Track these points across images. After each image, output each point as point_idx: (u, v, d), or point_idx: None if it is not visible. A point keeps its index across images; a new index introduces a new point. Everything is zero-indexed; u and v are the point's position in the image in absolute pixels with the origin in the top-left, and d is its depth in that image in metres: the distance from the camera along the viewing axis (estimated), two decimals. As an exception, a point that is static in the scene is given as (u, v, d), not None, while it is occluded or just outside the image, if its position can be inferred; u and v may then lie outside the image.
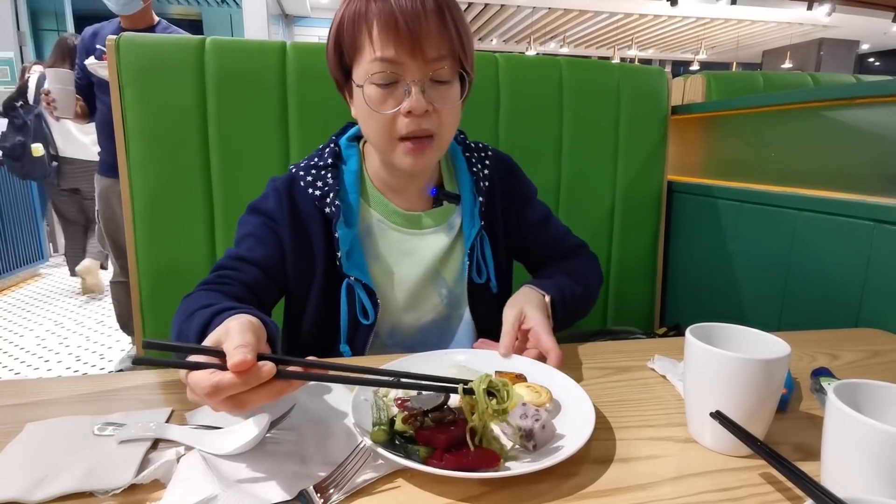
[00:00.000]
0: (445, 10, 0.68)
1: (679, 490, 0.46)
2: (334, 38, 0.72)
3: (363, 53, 0.69)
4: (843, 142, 1.08)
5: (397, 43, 0.66)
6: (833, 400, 0.41)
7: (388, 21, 0.66)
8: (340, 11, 0.71)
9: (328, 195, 0.77)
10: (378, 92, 0.69)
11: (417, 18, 0.66)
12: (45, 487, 0.43)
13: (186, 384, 0.46)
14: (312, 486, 0.44)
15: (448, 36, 0.68)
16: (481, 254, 0.83)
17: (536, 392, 0.57)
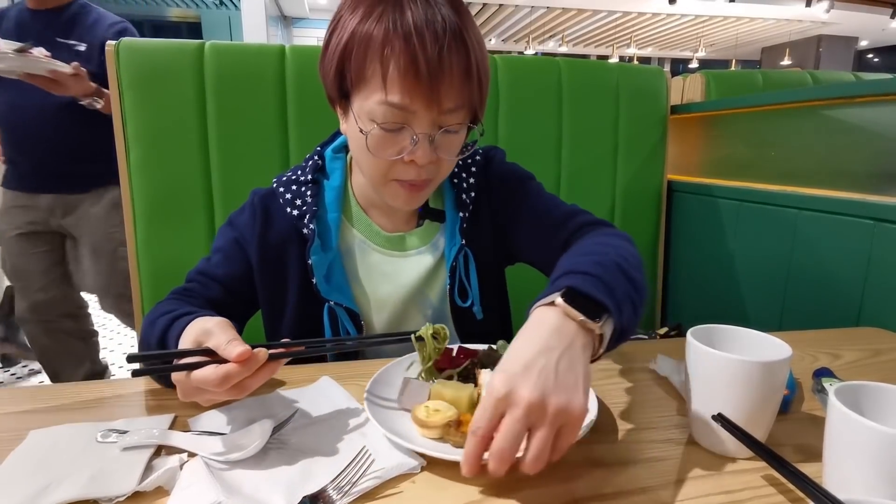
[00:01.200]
0: (472, 58, 0.61)
1: (681, 493, 0.46)
2: (337, 58, 0.63)
3: (371, 90, 0.61)
4: (843, 140, 1.08)
5: (414, 91, 0.59)
6: (834, 402, 0.41)
7: (407, 65, 0.58)
8: (348, 29, 0.61)
9: (305, 216, 0.73)
10: (382, 136, 0.63)
11: (441, 66, 0.59)
12: (49, 495, 0.43)
13: (182, 383, 0.49)
14: (315, 492, 0.44)
15: (470, 88, 0.62)
16: (465, 274, 0.77)
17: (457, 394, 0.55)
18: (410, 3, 0.59)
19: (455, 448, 0.49)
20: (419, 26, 0.58)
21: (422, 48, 0.58)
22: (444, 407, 0.52)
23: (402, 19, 0.58)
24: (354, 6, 0.62)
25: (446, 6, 0.61)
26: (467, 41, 0.61)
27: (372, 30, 0.59)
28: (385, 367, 0.63)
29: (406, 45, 0.58)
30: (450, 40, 0.59)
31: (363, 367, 0.69)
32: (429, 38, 0.58)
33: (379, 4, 0.60)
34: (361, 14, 0.60)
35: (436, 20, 0.59)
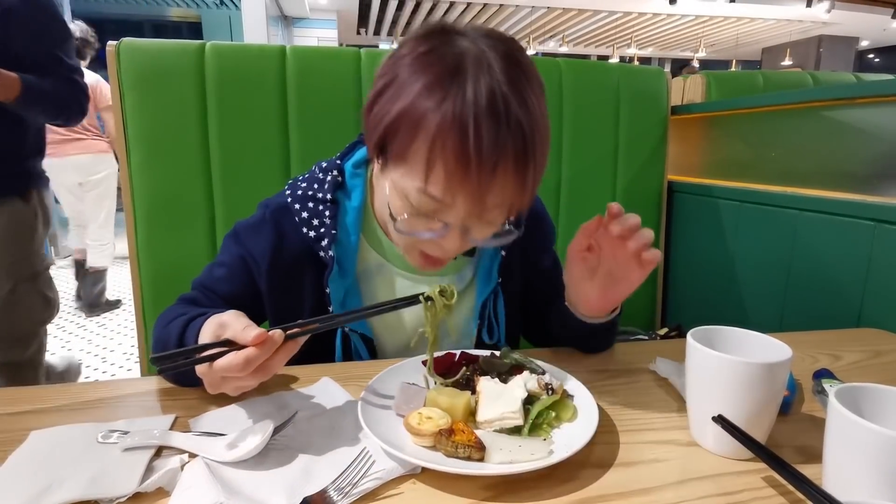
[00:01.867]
0: (531, 165, 0.54)
1: (681, 494, 0.46)
2: (383, 128, 0.56)
3: (412, 173, 0.55)
4: (843, 141, 1.08)
5: (457, 191, 0.54)
6: (835, 404, 0.41)
7: (457, 165, 0.52)
8: (401, 99, 0.54)
9: (324, 238, 0.69)
10: (412, 218, 0.58)
11: (494, 172, 0.52)
12: (50, 496, 0.43)
13: (207, 375, 0.51)
14: (316, 493, 0.44)
15: (522, 192, 0.56)
16: (493, 313, 0.76)
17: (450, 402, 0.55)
18: (476, 88, 0.51)
19: (447, 458, 0.48)
20: (480, 121, 0.51)
21: (477, 148, 0.51)
22: (438, 415, 0.52)
23: (463, 106, 0.51)
24: (415, 69, 0.54)
25: (518, 113, 0.52)
26: (528, 144, 0.53)
27: (428, 112, 0.52)
28: (383, 372, 0.63)
29: (461, 142, 0.51)
30: (511, 154, 0.52)
31: (364, 368, 0.69)
32: (488, 139, 0.51)
33: (443, 84, 0.52)
34: (420, 87, 0.53)
35: (500, 130, 0.51)
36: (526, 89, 0.54)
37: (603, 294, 0.66)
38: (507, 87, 0.52)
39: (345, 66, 1.11)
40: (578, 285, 0.68)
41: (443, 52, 0.53)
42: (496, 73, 0.52)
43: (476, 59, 0.53)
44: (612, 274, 0.64)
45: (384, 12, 10.51)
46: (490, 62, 0.53)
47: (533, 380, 0.58)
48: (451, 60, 0.53)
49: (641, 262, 0.60)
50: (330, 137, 1.11)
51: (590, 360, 0.74)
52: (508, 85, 0.52)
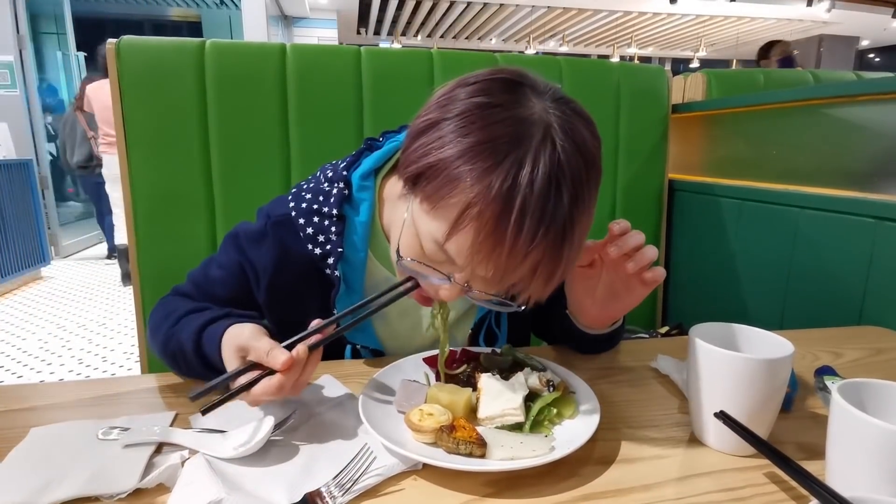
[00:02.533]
0: (562, 262, 0.50)
1: (683, 490, 0.46)
2: (417, 171, 0.52)
3: (435, 218, 0.51)
4: (844, 139, 1.08)
5: (479, 263, 0.50)
6: (837, 399, 0.41)
7: (486, 243, 0.48)
8: (446, 151, 0.49)
9: (330, 255, 0.66)
10: (419, 264, 0.56)
11: (524, 261, 0.49)
12: (51, 492, 0.43)
13: (245, 398, 0.52)
14: (317, 489, 0.44)
15: (541, 287, 0.53)
16: (495, 323, 0.75)
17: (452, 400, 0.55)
18: (533, 171, 0.47)
19: (448, 454, 0.48)
20: (525, 209, 0.46)
21: (514, 236, 0.47)
22: (438, 411, 0.52)
23: (513, 185, 0.46)
24: (472, 119, 0.49)
25: (570, 196, 0.48)
26: (566, 243, 0.50)
27: (474, 174, 0.47)
28: (385, 369, 0.63)
29: (498, 221, 0.47)
30: (551, 240, 0.48)
31: (365, 365, 0.69)
32: (528, 229, 0.47)
33: (501, 149, 0.47)
34: (474, 142, 0.48)
35: (548, 210, 0.47)
36: (584, 182, 0.50)
37: (604, 310, 0.66)
38: (566, 178, 0.48)
39: (345, 63, 1.10)
40: (579, 300, 0.68)
41: (512, 112, 0.49)
42: (561, 158, 0.48)
43: (543, 136, 0.48)
44: (614, 289, 0.63)
45: (384, 12, 10.50)
46: (556, 141, 0.48)
47: (534, 376, 0.58)
48: (517, 125, 0.48)
49: (644, 281, 0.59)
50: (330, 135, 1.11)
51: (591, 358, 0.74)
52: (569, 175, 0.48)
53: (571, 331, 0.71)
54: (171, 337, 0.63)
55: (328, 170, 0.72)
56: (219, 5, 7.98)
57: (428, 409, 0.52)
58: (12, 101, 4.10)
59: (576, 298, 0.68)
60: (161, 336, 0.65)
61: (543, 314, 0.82)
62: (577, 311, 0.69)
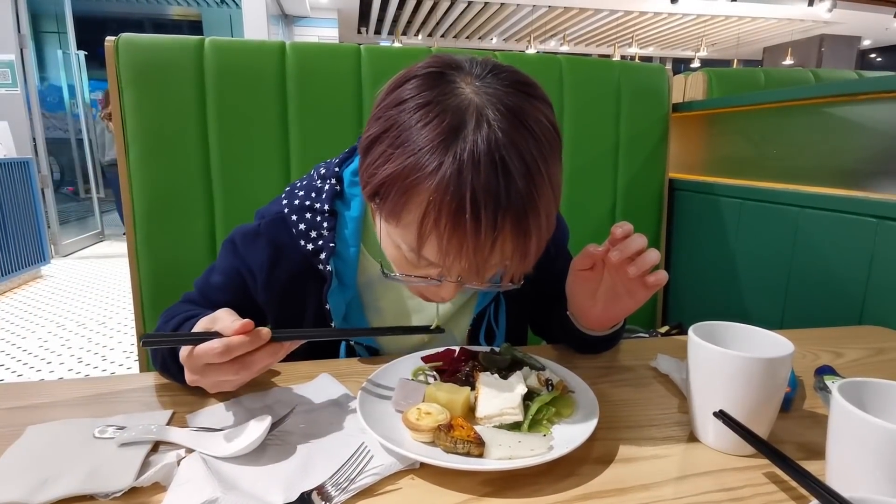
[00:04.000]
0: (533, 235, 0.50)
1: (682, 490, 0.45)
2: (374, 186, 0.52)
3: (404, 234, 0.52)
4: (845, 138, 1.08)
5: (454, 261, 0.50)
6: (838, 398, 0.41)
7: (451, 242, 0.48)
8: (393, 163, 0.49)
9: (322, 251, 0.67)
10: (405, 273, 0.57)
11: (493, 246, 0.49)
12: (47, 490, 0.43)
13: (188, 362, 0.52)
14: (314, 488, 0.43)
15: (523, 263, 0.53)
16: (494, 319, 0.75)
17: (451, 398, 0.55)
18: (474, 154, 0.46)
19: (445, 453, 0.48)
20: (477, 197, 0.46)
21: (474, 228, 0.47)
22: (437, 410, 0.52)
23: (459, 180, 0.46)
24: (411, 124, 0.49)
25: (520, 168, 0.48)
26: (531, 217, 0.49)
27: (423, 179, 0.47)
28: (383, 367, 0.63)
29: (455, 218, 0.47)
30: (512, 218, 0.48)
31: (362, 364, 0.69)
32: (486, 217, 0.47)
33: (441, 145, 0.47)
34: (419, 145, 0.48)
35: (499, 191, 0.47)
36: (529, 148, 0.48)
37: (605, 312, 0.66)
38: (506, 150, 0.47)
39: (344, 62, 1.10)
40: (580, 303, 0.67)
41: (444, 105, 0.48)
42: (499, 134, 0.47)
43: (478, 117, 0.47)
44: (616, 292, 0.63)
45: (385, 11, 10.50)
46: (490, 119, 0.48)
47: (533, 376, 0.58)
48: (449, 118, 0.48)
49: (646, 284, 0.59)
50: (329, 134, 1.10)
51: (590, 357, 0.73)
52: (509, 146, 0.47)
53: (572, 332, 0.71)
54: (157, 331, 0.65)
55: (321, 168, 0.72)
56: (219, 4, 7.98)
57: (426, 407, 0.52)
58: (13, 99, 4.10)
59: (577, 301, 0.68)
60: None
61: (543, 312, 0.83)
62: (578, 312, 0.69)
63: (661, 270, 0.59)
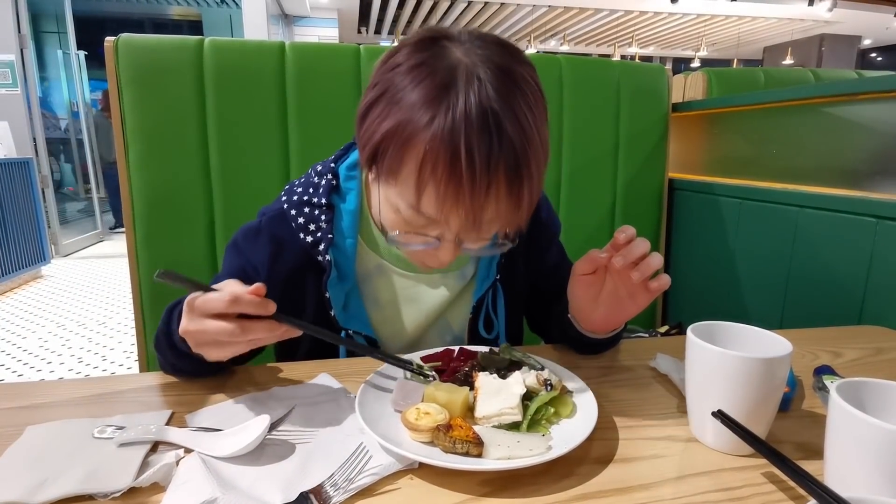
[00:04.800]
0: (525, 183, 0.52)
1: (681, 489, 0.45)
2: (373, 144, 0.54)
3: (403, 190, 0.54)
4: (844, 138, 1.08)
5: (451, 210, 0.52)
6: (836, 399, 0.41)
7: (448, 188, 0.50)
8: (393, 112, 0.52)
9: (321, 242, 0.68)
10: (405, 235, 0.58)
11: (487, 192, 0.51)
12: (46, 490, 0.43)
13: (193, 309, 0.53)
14: (312, 489, 0.43)
15: (517, 211, 0.55)
16: (492, 307, 0.76)
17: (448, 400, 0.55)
18: (467, 106, 0.49)
19: (444, 453, 0.48)
20: (471, 142, 0.49)
21: (469, 170, 0.49)
22: (435, 410, 0.52)
23: (453, 127, 0.49)
24: (405, 84, 0.52)
25: (510, 128, 0.50)
26: (522, 162, 0.51)
27: (418, 131, 0.50)
28: (381, 367, 0.63)
29: (451, 164, 0.49)
30: (504, 165, 0.50)
31: (362, 364, 0.69)
32: (479, 160, 0.49)
33: (432, 102, 0.50)
34: (410, 104, 0.51)
35: (491, 148, 0.49)
36: (519, 103, 0.52)
37: (607, 316, 0.66)
38: (498, 103, 0.50)
39: (344, 62, 1.10)
40: (582, 307, 0.68)
41: (435, 66, 0.51)
42: (488, 88, 0.50)
43: (468, 74, 0.50)
44: (618, 296, 0.64)
45: (385, 11, 10.50)
46: (482, 77, 0.50)
47: (532, 376, 0.58)
48: (442, 75, 0.50)
49: (648, 289, 0.59)
50: (329, 134, 1.10)
51: (590, 357, 0.73)
52: (500, 100, 0.50)
53: (573, 334, 0.71)
54: (162, 331, 0.64)
55: (318, 166, 0.75)
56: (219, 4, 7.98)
57: (425, 407, 0.52)
58: (13, 100, 4.10)
59: (578, 304, 0.68)
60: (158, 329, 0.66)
61: (540, 308, 0.83)
62: (580, 316, 0.69)
63: (664, 275, 0.59)
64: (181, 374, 0.65)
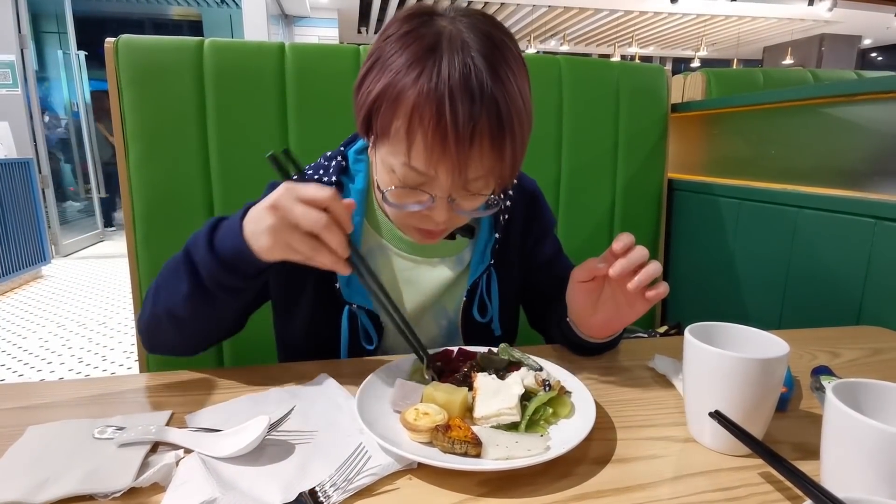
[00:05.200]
0: (507, 136, 0.57)
1: (678, 490, 0.45)
2: (367, 107, 0.59)
3: (395, 148, 0.58)
4: (843, 138, 1.08)
5: (439, 162, 0.56)
6: (832, 399, 0.41)
7: (434, 135, 0.54)
8: (384, 77, 0.57)
9: None
10: (400, 190, 0.61)
11: (471, 143, 0.55)
12: (46, 490, 0.43)
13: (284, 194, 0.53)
14: (312, 489, 0.44)
15: (501, 163, 0.58)
16: (486, 291, 0.77)
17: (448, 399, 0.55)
18: (451, 65, 0.54)
19: (443, 453, 0.48)
20: (455, 105, 0.53)
21: (453, 120, 0.53)
22: (434, 410, 0.52)
23: (438, 81, 0.54)
24: (396, 48, 0.57)
25: (491, 86, 0.55)
26: (505, 123, 0.56)
27: (406, 88, 0.55)
28: (380, 368, 0.63)
29: (437, 115, 0.54)
30: (486, 123, 0.55)
31: (361, 364, 0.69)
32: (463, 119, 0.54)
33: (419, 63, 0.55)
34: (400, 65, 0.56)
35: (473, 103, 0.54)
36: (501, 65, 0.56)
37: (605, 322, 0.67)
38: (481, 63, 0.55)
39: (344, 62, 1.10)
40: (580, 313, 0.69)
41: (422, 32, 0.56)
42: (471, 50, 0.55)
43: (452, 38, 0.55)
44: (616, 302, 0.64)
45: (385, 11, 10.50)
46: (465, 40, 0.55)
47: (530, 376, 0.58)
48: (428, 39, 0.56)
49: (647, 298, 0.60)
50: (328, 134, 1.10)
51: (588, 358, 0.73)
52: (483, 61, 0.55)
53: (572, 337, 0.72)
54: (164, 275, 0.65)
55: (327, 153, 0.78)
56: (219, 4, 7.98)
57: (424, 408, 0.52)
58: (14, 100, 4.11)
59: (577, 310, 0.69)
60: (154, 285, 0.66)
61: (539, 305, 0.84)
62: (578, 320, 0.70)
63: (662, 283, 0.59)
64: (173, 318, 0.63)
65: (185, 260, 0.61)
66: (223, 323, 0.69)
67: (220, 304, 0.62)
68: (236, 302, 0.64)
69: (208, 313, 0.63)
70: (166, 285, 0.64)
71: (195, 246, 0.61)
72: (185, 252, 0.62)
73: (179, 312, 0.62)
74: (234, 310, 0.68)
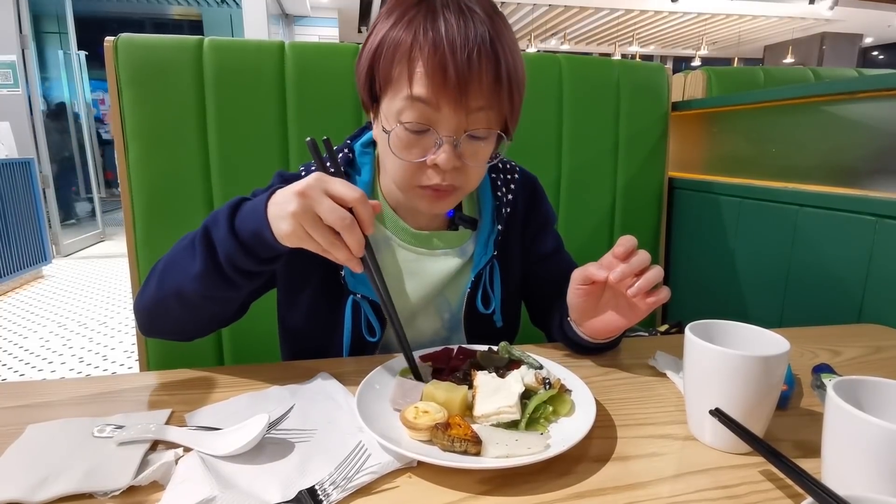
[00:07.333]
0: (503, 65, 0.60)
1: (679, 488, 0.45)
2: (368, 62, 0.64)
3: (398, 88, 0.61)
4: (844, 137, 1.08)
5: (440, 87, 0.59)
6: (833, 397, 0.41)
7: (435, 65, 0.58)
8: (380, 34, 0.62)
9: None
10: (406, 136, 0.63)
11: (469, 68, 0.58)
12: (46, 489, 0.43)
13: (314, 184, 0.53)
14: (311, 487, 0.44)
15: (499, 93, 0.61)
16: (489, 282, 0.78)
17: None
18: (444, 10, 0.59)
19: (443, 452, 0.48)
20: (450, 33, 0.58)
21: (451, 52, 0.58)
22: (434, 409, 0.52)
23: (434, 25, 0.58)
24: (389, 12, 0.63)
25: (481, 16, 0.60)
26: (499, 49, 0.60)
27: (402, 34, 0.60)
28: (380, 366, 0.63)
29: (434, 49, 0.58)
30: (480, 46, 0.59)
31: (361, 363, 0.69)
32: (459, 43, 0.58)
33: (412, 10, 0.60)
34: (394, 20, 0.61)
35: (468, 28, 0.59)
36: (494, 17, 0.62)
37: (605, 325, 0.67)
38: (476, 6, 0.61)
39: (344, 61, 1.10)
40: (581, 316, 0.69)
41: (413, 1, 0.61)
42: (462, 4, 0.60)
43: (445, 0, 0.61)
44: (617, 305, 0.65)
45: (385, 10, 10.48)
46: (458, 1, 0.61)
47: (530, 374, 0.58)
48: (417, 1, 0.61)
49: (647, 302, 0.60)
50: (328, 132, 1.10)
51: (588, 356, 0.73)
52: (479, 6, 0.61)
53: (572, 338, 0.72)
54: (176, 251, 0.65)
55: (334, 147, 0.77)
56: (219, 4, 7.98)
57: (423, 406, 0.52)
58: (15, 100, 4.11)
59: (577, 312, 0.69)
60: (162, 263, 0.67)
61: (539, 302, 0.85)
62: (579, 322, 0.70)
63: (664, 288, 0.60)
64: (179, 297, 0.63)
65: (202, 238, 0.61)
66: (228, 306, 0.68)
67: (230, 287, 0.62)
68: (248, 285, 0.64)
69: (217, 295, 0.63)
70: (177, 263, 0.63)
71: (215, 224, 0.61)
72: (204, 230, 0.62)
73: (188, 291, 0.61)
74: (242, 294, 0.67)
